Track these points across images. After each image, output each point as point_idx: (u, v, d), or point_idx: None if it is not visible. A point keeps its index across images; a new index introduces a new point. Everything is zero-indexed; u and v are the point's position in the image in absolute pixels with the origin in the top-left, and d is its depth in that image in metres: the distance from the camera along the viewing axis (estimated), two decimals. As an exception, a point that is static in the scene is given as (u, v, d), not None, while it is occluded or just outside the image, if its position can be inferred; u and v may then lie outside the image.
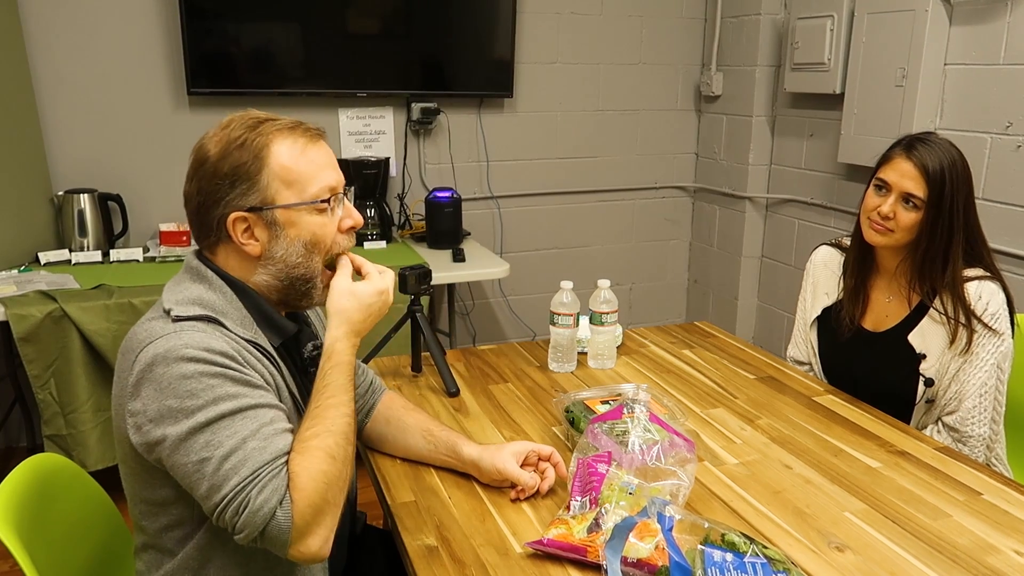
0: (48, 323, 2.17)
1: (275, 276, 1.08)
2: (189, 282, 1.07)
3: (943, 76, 2.55)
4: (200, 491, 0.95)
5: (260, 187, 1.03)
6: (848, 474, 1.34)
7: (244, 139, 1.03)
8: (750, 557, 0.99)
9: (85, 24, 2.67)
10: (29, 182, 2.60)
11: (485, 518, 1.20)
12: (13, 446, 2.89)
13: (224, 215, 1.04)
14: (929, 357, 1.58)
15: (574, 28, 3.32)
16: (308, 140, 1.06)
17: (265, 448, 0.96)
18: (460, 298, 3.36)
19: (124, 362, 1.00)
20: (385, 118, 3.10)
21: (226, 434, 0.94)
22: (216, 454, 0.94)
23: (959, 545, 1.14)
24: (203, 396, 0.95)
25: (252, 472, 0.94)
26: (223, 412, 0.95)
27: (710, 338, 2.04)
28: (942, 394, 1.58)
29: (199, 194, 1.05)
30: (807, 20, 2.93)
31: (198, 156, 1.05)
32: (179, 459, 0.95)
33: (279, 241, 1.06)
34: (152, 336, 0.97)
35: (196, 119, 2.86)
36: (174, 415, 0.94)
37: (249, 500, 0.93)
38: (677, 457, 1.18)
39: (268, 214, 1.04)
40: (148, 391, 0.95)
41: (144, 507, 1.07)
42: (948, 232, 1.52)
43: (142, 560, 1.11)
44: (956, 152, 1.54)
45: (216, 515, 0.95)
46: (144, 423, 0.96)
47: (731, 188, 3.47)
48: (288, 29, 2.83)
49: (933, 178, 1.50)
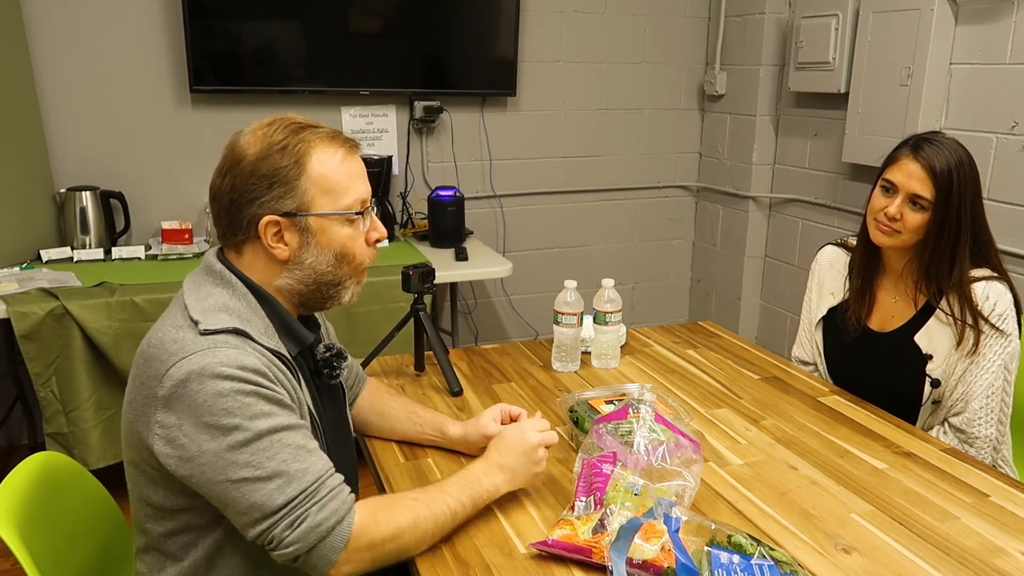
0: (50, 321, 2.17)
1: (301, 281, 1.09)
2: (212, 286, 1.06)
3: (948, 75, 2.54)
4: (238, 507, 0.97)
5: (297, 192, 1.03)
6: (854, 475, 1.33)
7: (286, 143, 1.02)
8: (757, 559, 0.98)
9: (87, 21, 2.66)
10: (31, 179, 2.60)
11: (489, 518, 1.19)
12: (15, 444, 2.88)
13: (257, 216, 1.03)
14: (936, 358, 1.57)
15: (578, 26, 3.31)
16: (346, 151, 1.07)
17: (308, 470, 0.99)
18: (462, 297, 3.36)
19: (149, 370, 0.99)
20: (388, 116, 3.09)
21: (266, 455, 0.96)
22: (258, 473, 0.95)
23: (967, 547, 1.13)
24: (240, 414, 0.95)
25: (302, 490, 0.97)
26: (260, 431, 0.96)
27: (714, 338, 2.03)
28: (948, 395, 1.57)
29: (232, 191, 1.04)
30: (812, 19, 2.91)
31: (235, 153, 1.04)
32: (214, 476, 0.96)
33: (309, 248, 1.06)
34: (184, 351, 0.97)
35: (198, 117, 2.86)
36: (210, 432, 0.95)
37: (308, 516, 0.96)
38: (683, 458, 1.17)
39: (302, 220, 1.04)
40: (182, 407, 0.95)
41: (150, 510, 1.06)
42: (955, 233, 1.51)
43: (144, 562, 1.11)
44: (963, 152, 1.52)
45: (262, 530, 0.97)
46: (178, 436, 0.96)
47: (734, 188, 3.46)
48: (291, 27, 2.82)
49: (940, 179, 1.49)
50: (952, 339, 1.54)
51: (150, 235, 2.86)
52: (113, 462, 2.34)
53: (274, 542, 0.97)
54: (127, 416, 1.04)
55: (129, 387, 1.04)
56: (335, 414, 1.25)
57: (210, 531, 1.05)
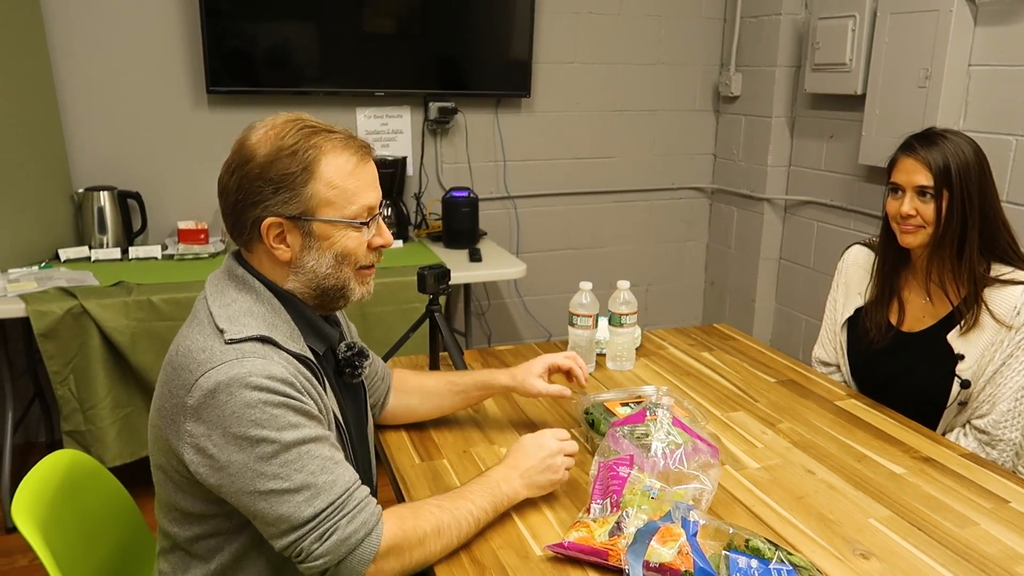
0: (68, 320, 2.19)
1: (305, 284, 1.09)
2: (235, 291, 1.06)
3: (967, 77, 2.51)
4: (266, 519, 0.97)
5: (303, 198, 1.02)
6: (872, 480, 1.32)
7: (297, 147, 1.01)
8: (775, 564, 0.97)
9: (106, 23, 2.68)
10: (50, 180, 2.62)
11: (505, 520, 1.19)
12: (32, 441, 2.91)
13: (260, 218, 1.03)
14: (967, 358, 1.55)
15: (592, 28, 3.30)
16: (359, 158, 1.06)
17: (335, 482, 0.99)
18: (476, 298, 3.36)
19: (178, 379, 0.99)
20: (402, 117, 3.10)
21: (294, 467, 0.96)
22: (287, 485, 0.96)
23: (987, 554, 1.12)
24: (268, 426, 0.95)
25: (331, 503, 0.98)
26: (288, 443, 0.96)
27: (729, 340, 2.02)
28: (976, 396, 1.55)
29: (238, 191, 1.03)
30: (828, 20, 2.90)
31: (244, 152, 1.03)
32: (243, 486, 0.96)
33: (311, 251, 1.06)
34: (212, 361, 0.97)
35: (215, 118, 2.87)
36: (239, 443, 0.95)
37: (337, 528, 0.97)
38: (700, 462, 1.17)
39: (305, 225, 1.04)
40: (212, 417, 0.95)
41: (177, 515, 1.07)
42: (961, 218, 1.51)
43: (168, 562, 1.11)
44: (961, 140, 1.55)
45: (290, 542, 0.97)
46: (208, 446, 0.96)
47: (749, 189, 3.45)
48: (306, 28, 2.84)
49: (936, 165, 1.52)
50: (986, 339, 1.53)
51: (166, 235, 2.88)
52: (130, 460, 2.35)
53: (302, 555, 0.98)
54: (155, 422, 1.04)
55: (157, 393, 1.04)
56: (356, 413, 1.25)
57: (237, 536, 1.05)
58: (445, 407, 1.45)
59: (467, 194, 2.92)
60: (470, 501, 1.11)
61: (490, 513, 1.13)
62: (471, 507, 1.10)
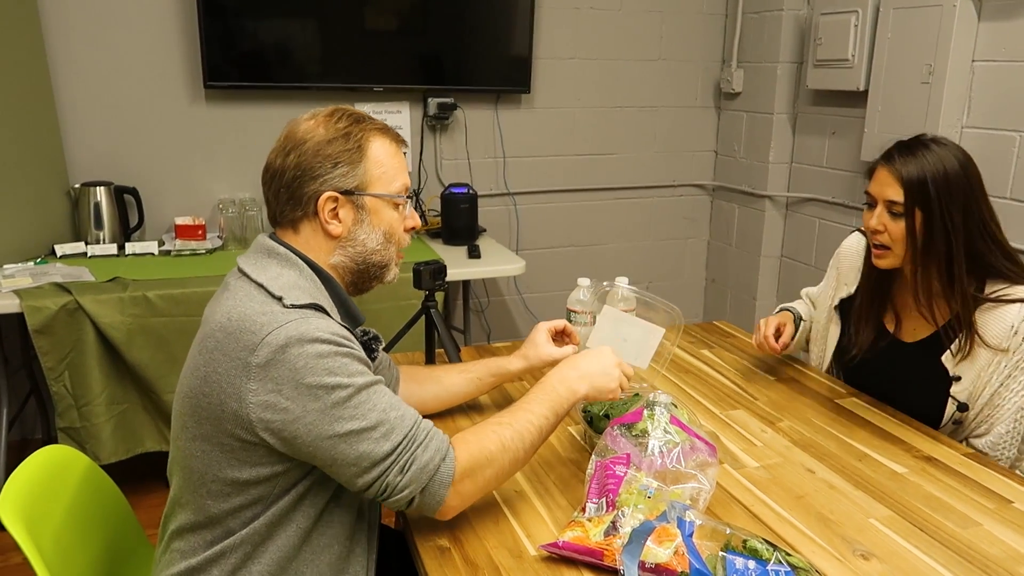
0: (63, 315, 2.17)
1: (352, 259, 1.16)
2: (278, 267, 1.10)
3: (971, 73, 2.49)
4: (347, 460, 1.02)
5: (357, 173, 1.13)
6: (873, 479, 1.31)
7: (349, 130, 1.13)
8: (773, 565, 0.96)
9: (102, 17, 2.67)
10: (46, 175, 2.61)
11: (499, 519, 1.17)
12: (28, 438, 2.90)
13: (319, 192, 1.11)
14: (964, 379, 1.46)
15: (593, 23, 3.28)
16: (396, 144, 1.19)
17: (404, 416, 1.06)
18: (475, 295, 3.34)
19: (237, 342, 1.01)
20: (401, 113, 3.08)
21: (367, 407, 1.03)
22: (363, 424, 1.02)
23: (989, 555, 1.10)
24: (340, 373, 1.01)
25: (405, 436, 1.04)
26: (360, 385, 1.03)
27: (729, 338, 2.00)
28: (972, 416, 1.48)
29: (297, 168, 1.11)
30: (831, 16, 2.87)
31: (298, 135, 1.12)
32: (322, 431, 1.00)
33: (362, 226, 1.15)
34: (277, 322, 1.01)
35: (213, 113, 2.86)
36: (313, 392, 1.00)
37: (415, 458, 1.04)
38: (698, 461, 1.15)
39: (359, 199, 1.14)
40: (282, 371, 0.99)
41: (217, 486, 1.06)
42: (944, 236, 1.41)
43: (187, 540, 1.10)
44: (948, 152, 1.42)
45: (373, 479, 1.02)
46: (278, 400, 0.99)
47: (751, 186, 3.43)
48: (305, 23, 2.82)
49: (908, 182, 1.41)
50: (984, 359, 1.44)
51: (164, 231, 2.87)
52: (125, 457, 2.34)
53: (388, 489, 1.03)
54: (201, 391, 1.03)
55: (200, 363, 1.04)
56: None
57: (275, 502, 1.07)
58: (460, 395, 1.48)
59: (466, 190, 2.90)
60: (529, 411, 1.16)
61: (551, 418, 1.17)
62: (531, 417, 1.15)
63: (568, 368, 1.24)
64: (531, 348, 1.47)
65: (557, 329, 1.50)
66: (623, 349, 1.55)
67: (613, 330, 1.55)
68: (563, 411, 1.20)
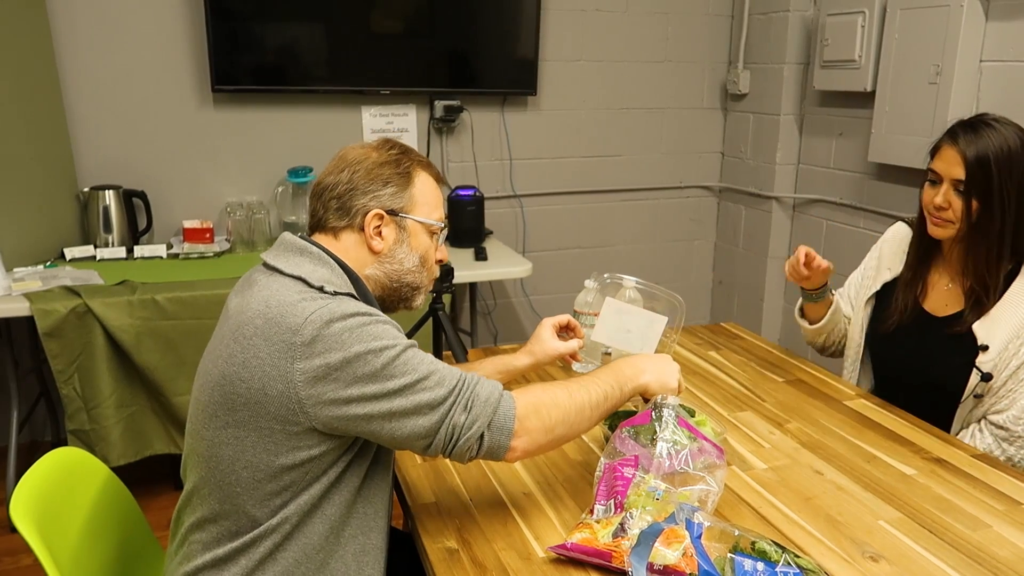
0: (72, 319, 2.19)
1: (387, 275, 1.21)
2: (311, 264, 1.13)
3: (979, 73, 2.48)
4: (407, 410, 1.05)
5: (405, 196, 1.21)
6: (882, 481, 1.30)
7: (399, 158, 1.22)
8: (782, 567, 0.95)
9: (111, 22, 2.68)
10: (55, 178, 2.62)
11: (507, 521, 1.17)
12: (38, 440, 2.91)
13: (368, 207, 1.18)
14: (991, 350, 1.51)
15: (599, 25, 3.28)
16: (439, 180, 1.27)
17: (450, 367, 1.11)
18: (482, 297, 3.34)
19: (279, 326, 1.03)
20: (408, 116, 3.09)
21: (416, 362, 1.07)
22: (417, 376, 1.06)
23: (999, 557, 1.10)
24: (384, 337, 1.05)
25: (458, 379, 1.08)
26: (405, 345, 1.08)
27: (736, 339, 2.00)
28: (995, 391, 1.51)
29: (350, 183, 1.18)
30: (837, 16, 2.87)
31: (355, 156, 1.21)
32: (377, 392, 1.03)
33: (402, 246, 1.21)
34: (318, 304, 1.05)
35: (221, 116, 2.87)
36: (362, 358, 1.03)
37: (475, 395, 1.08)
38: (706, 463, 1.15)
39: (402, 220, 1.20)
40: (328, 344, 1.02)
41: (248, 473, 1.06)
42: (1000, 219, 1.48)
43: (207, 531, 1.10)
44: (1012, 131, 1.50)
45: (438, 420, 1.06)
46: (329, 373, 1.02)
47: (757, 188, 3.42)
48: (312, 27, 2.83)
49: (972, 162, 1.48)
50: (1011, 332, 1.49)
51: (172, 234, 2.88)
52: (134, 459, 2.35)
53: (455, 430, 1.06)
54: (239, 377, 1.04)
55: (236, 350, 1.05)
56: None
57: (305, 489, 1.07)
58: None
59: (473, 193, 2.90)
60: (594, 380, 1.20)
61: (617, 391, 1.21)
62: (597, 381, 1.20)
63: (633, 358, 1.29)
64: (536, 344, 1.49)
65: (561, 324, 1.53)
66: (627, 340, 1.57)
67: (617, 321, 1.56)
68: (627, 388, 1.23)
